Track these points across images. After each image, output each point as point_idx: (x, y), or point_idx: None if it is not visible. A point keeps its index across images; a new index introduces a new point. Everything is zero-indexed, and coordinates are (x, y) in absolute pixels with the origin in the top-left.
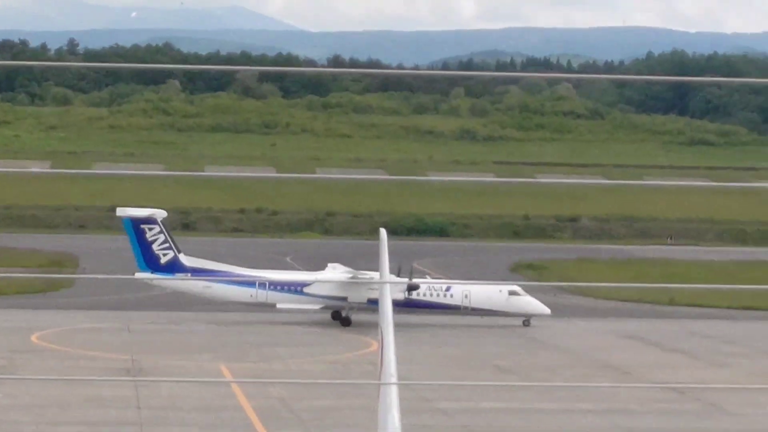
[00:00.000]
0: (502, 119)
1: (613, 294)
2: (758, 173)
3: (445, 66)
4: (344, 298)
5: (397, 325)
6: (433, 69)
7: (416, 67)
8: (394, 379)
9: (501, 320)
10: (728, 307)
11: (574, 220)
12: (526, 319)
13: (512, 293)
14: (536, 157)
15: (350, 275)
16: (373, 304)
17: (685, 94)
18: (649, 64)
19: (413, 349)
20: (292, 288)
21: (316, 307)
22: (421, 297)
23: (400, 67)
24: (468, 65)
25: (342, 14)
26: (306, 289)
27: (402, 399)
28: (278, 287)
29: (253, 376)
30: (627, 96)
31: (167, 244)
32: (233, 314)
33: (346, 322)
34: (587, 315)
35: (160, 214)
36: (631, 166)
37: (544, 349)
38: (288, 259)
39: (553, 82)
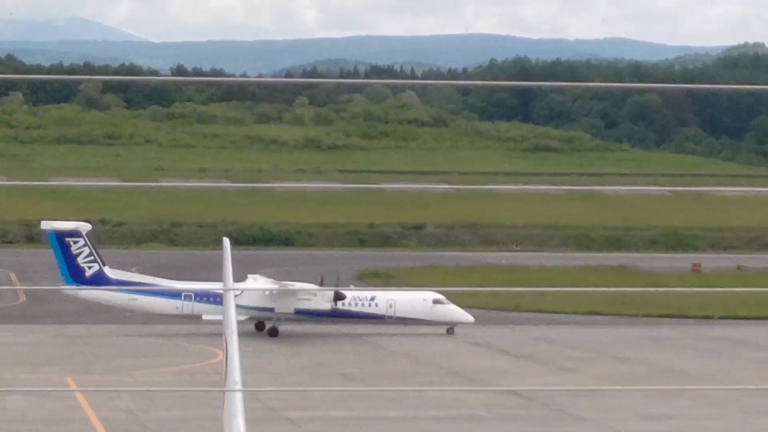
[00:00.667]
0: (346, 128)
1: (460, 300)
2: (602, 179)
3: (288, 75)
4: (271, 309)
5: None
6: (276, 78)
7: (260, 77)
8: (238, 386)
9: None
10: (573, 313)
11: (419, 227)
12: (450, 327)
13: (436, 302)
14: (381, 166)
15: (277, 286)
16: (301, 314)
17: (529, 100)
18: (493, 71)
19: (261, 359)
20: (219, 299)
21: (243, 317)
22: (346, 307)
23: (243, 76)
24: (311, 74)
25: (184, 24)
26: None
27: (250, 410)
28: (204, 298)
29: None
30: (470, 103)
31: (92, 257)
32: (80, 326)
33: (273, 333)
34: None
35: (85, 227)
36: (475, 173)
37: (390, 356)
38: (133, 270)
39: (397, 90)
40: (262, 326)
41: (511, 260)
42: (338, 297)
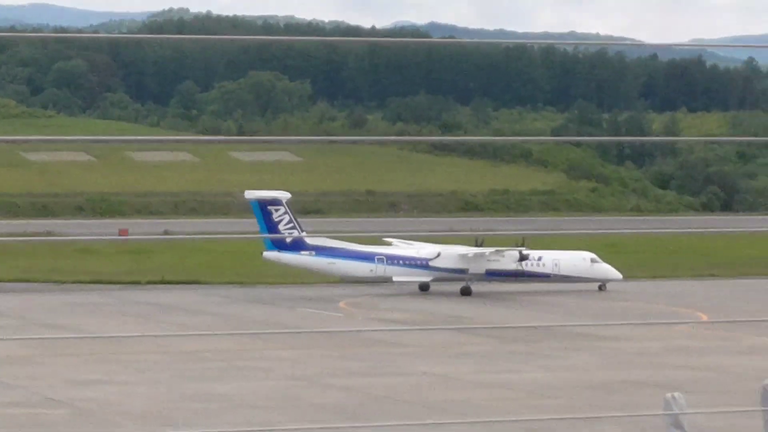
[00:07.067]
0: None
1: None
2: (29, 146)
3: None
4: (465, 270)
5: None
6: None
7: None
8: None
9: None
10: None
11: None
12: (602, 284)
13: (593, 261)
14: None
15: (470, 249)
16: (491, 275)
17: None
18: None
19: None
20: (408, 262)
21: (429, 279)
22: (527, 267)
23: None
24: None
25: None
26: (431, 263)
27: None
28: (395, 261)
29: None
30: None
31: (292, 224)
32: None
33: (466, 292)
34: None
35: (285, 195)
36: None
37: None
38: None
39: None
40: (426, 287)
41: None
42: (523, 258)
